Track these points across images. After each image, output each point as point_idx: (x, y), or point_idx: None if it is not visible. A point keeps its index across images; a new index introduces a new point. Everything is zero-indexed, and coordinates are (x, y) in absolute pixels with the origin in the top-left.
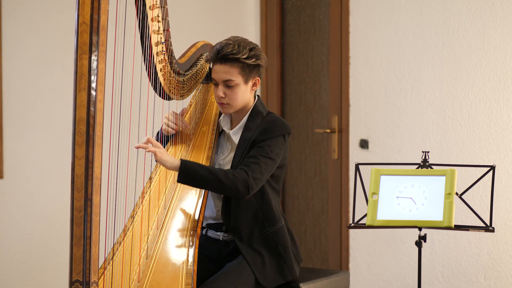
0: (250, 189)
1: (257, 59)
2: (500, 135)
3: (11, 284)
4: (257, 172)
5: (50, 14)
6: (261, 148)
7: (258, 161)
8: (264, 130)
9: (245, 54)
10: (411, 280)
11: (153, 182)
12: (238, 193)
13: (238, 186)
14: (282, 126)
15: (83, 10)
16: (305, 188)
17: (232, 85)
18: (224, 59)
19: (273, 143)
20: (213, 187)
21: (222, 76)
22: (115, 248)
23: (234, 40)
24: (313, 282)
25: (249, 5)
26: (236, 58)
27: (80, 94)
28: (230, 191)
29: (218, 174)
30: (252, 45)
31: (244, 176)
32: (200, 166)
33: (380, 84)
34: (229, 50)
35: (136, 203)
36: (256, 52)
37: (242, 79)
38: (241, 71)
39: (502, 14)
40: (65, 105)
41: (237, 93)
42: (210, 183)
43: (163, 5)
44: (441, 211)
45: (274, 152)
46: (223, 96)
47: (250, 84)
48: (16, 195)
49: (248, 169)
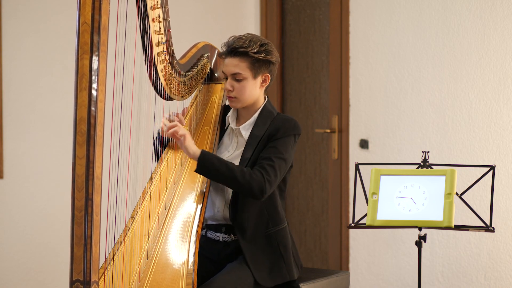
0: (264, 193)
1: (267, 54)
2: (500, 135)
3: (11, 284)
4: (272, 175)
5: (50, 14)
6: (275, 149)
7: (273, 164)
8: (279, 127)
9: (255, 48)
10: (411, 280)
11: (154, 182)
12: (251, 194)
13: (253, 187)
14: (296, 126)
15: (84, 10)
16: (305, 188)
17: (240, 79)
18: (233, 52)
19: (286, 142)
20: (228, 183)
21: (231, 69)
22: (115, 248)
23: (247, 35)
24: (313, 282)
25: (249, 5)
26: (246, 52)
27: (81, 94)
28: (244, 190)
29: (235, 171)
30: (265, 41)
31: (260, 179)
32: (219, 160)
33: (380, 84)
34: (239, 44)
35: (136, 203)
36: (267, 48)
37: (250, 73)
38: (250, 65)
39: (502, 14)
40: (65, 105)
41: (244, 87)
42: (226, 178)
43: (164, 6)
44: (441, 211)
45: (287, 153)
46: (231, 89)
47: (259, 80)
48: (16, 195)
49: (265, 172)
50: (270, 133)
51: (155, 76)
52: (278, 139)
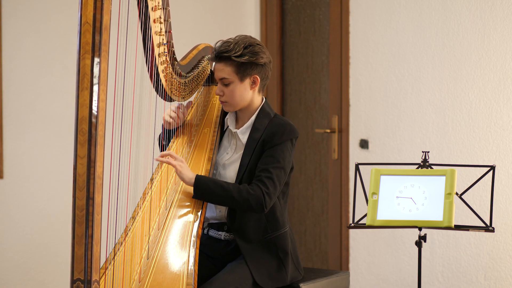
0: (265, 207)
1: (251, 56)
2: (500, 135)
3: (11, 284)
4: (270, 188)
5: (50, 14)
6: (272, 158)
7: (271, 175)
8: (274, 133)
9: (238, 52)
10: (411, 280)
11: (155, 182)
12: (252, 210)
13: (252, 203)
14: (291, 130)
15: (85, 9)
16: (305, 188)
17: (227, 83)
18: (219, 57)
19: (283, 149)
20: (226, 203)
21: (218, 74)
22: (116, 248)
23: (236, 38)
24: (313, 282)
25: (249, 5)
26: (227, 56)
27: (83, 93)
28: (243, 208)
29: (231, 191)
30: (252, 43)
31: (259, 194)
32: (214, 182)
33: (380, 84)
34: (222, 49)
35: (137, 203)
36: (252, 49)
37: (236, 77)
38: (235, 69)
39: (502, 14)
40: (65, 105)
41: (233, 91)
42: (223, 199)
43: (165, 7)
44: (441, 211)
45: (285, 160)
46: (220, 94)
47: (247, 82)
48: (16, 195)
49: (263, 186)
50: (265, 139)
51: (156, 76)
52: (274, 147)
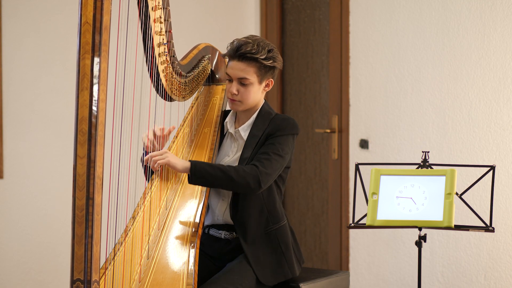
0: (261, 184)
1: (274, 61)
2: (500, 135)
3: (11, 284)
4: (268, 168)
5: (50, 14)
6: (273, 146)
7: (269, 158)
8: (278, 126)
9: (264, 54)
10: (411, 280)
11: (155, 182)
12: (249, 189)
13: (249, 181)
14: (294, 125)
15: (85, 9)
16: (305, 188)
17: (247, 84)
18: (242, 56)
19: (284, 141)
20: (224, 185)
21: (238, 73)
22: (116, 248)
23: (254, 39)
24: (313, 282)
25: (249, 5)
26: (255, 57)
27: (83, 93)
28: (241, 188)
29: (228, 171)
30: (271, 46)
31: (255, 172)
32: (210, 165)
33: (380, 84)
34: (248, 49)
35: (137, 203)
36: (273, 54)
37: (257, 78)
38: (257, 71)
39: (502, 14)
40: (65, 105)
41: (250, 91)
42: (221, 181)
43: (166, 7)
44: (441, 211)
45: (284, 151)
46: (235, 93)
47: (263, 85)
48: (16, 195)
49: (260, 164)
50: (269, 132)
51: (156, 76)
52: (277, 137)
